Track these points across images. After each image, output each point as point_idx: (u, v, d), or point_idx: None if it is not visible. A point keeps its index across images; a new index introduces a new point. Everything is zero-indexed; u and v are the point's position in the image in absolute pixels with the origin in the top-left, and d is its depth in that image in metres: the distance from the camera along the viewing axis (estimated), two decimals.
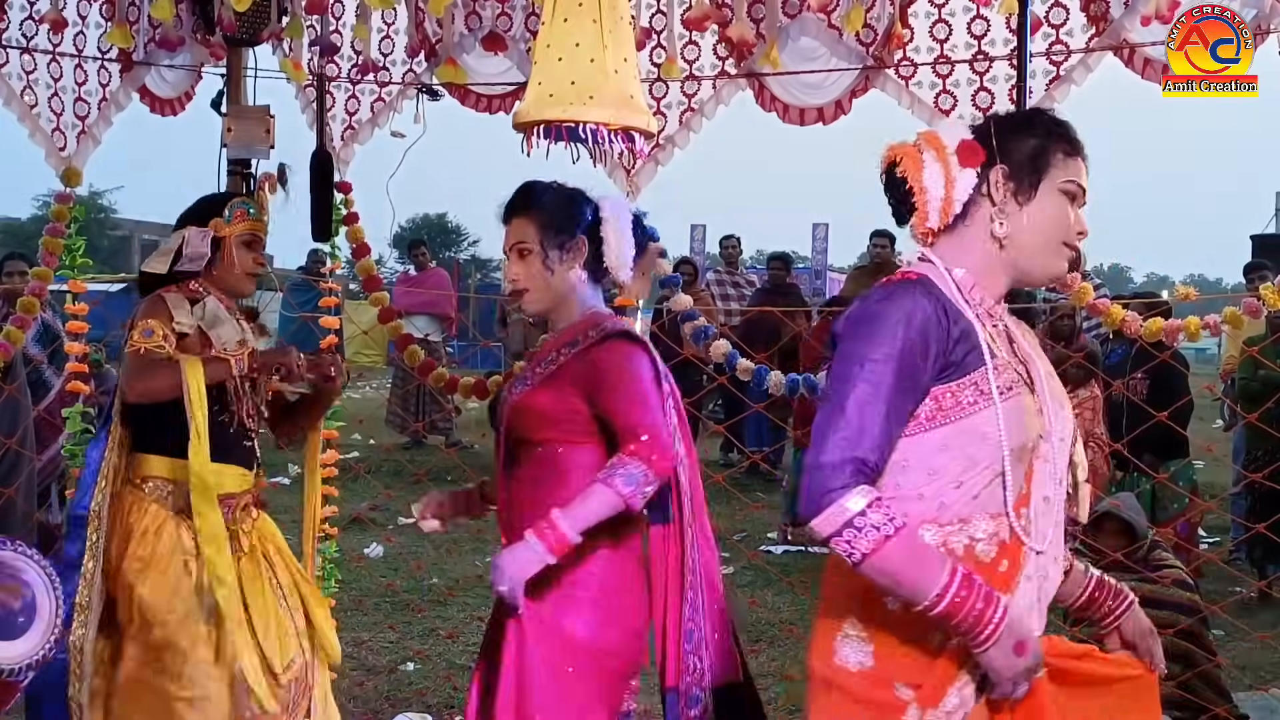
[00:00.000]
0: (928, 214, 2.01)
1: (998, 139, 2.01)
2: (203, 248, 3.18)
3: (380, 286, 4.53)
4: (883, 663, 1.95)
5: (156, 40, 4.16)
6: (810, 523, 1.84)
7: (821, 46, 3.75)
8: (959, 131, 2.04)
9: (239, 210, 3.24)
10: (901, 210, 2.07)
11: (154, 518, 3.11)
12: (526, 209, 2.70)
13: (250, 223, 3.26)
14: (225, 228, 3.21)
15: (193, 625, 3.06)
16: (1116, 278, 55.03)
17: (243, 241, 3.24)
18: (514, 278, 2.68)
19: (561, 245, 2.66)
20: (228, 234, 3.21)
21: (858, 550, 1.82)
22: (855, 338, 1.91)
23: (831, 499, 1.82)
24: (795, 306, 9.67)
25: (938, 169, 2.00)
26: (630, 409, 2.50)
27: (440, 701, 4.74)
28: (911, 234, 2.08)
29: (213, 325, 3.14)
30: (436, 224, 49.24)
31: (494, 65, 4.10)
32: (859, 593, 1.96)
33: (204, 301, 3.17)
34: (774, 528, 8.04)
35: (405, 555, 7.24)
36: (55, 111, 4.30)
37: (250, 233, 3.25)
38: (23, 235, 31.08)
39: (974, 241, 2.03)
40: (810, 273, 16.80)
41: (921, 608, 1.83)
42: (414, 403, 10.82)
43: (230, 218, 3.22)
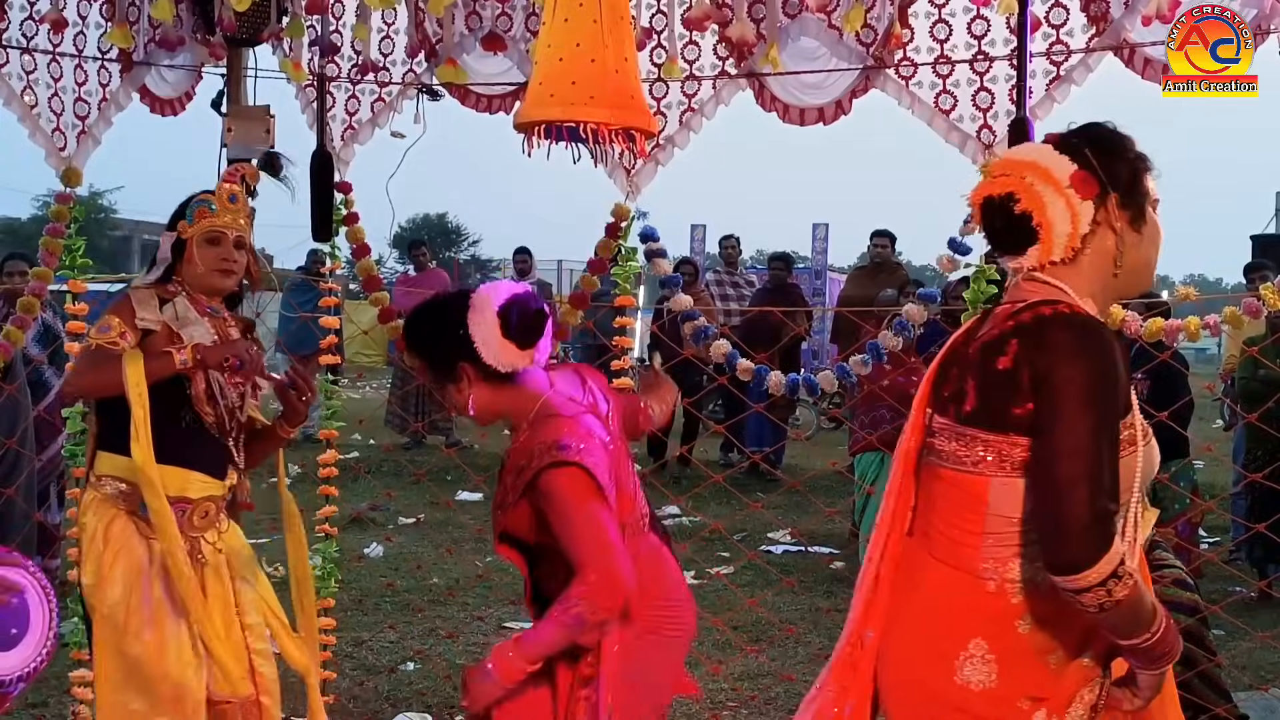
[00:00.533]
0: (1053, 248, 2.04)
1: (1102, 167, 2.05)
2: (165, 252, 3.17)
3: (380, 286, 4.53)
4: (1006, 681, 2.02)
5: (156, 40, 4.16)
6: (1081, 572, 1.86)
7: (821, 46, 3.75)
8: (1058, 160, 2.05)
9: (199, 209, 3.18)
10: (1007, 240, 2.10)
11: (103, 516, 3.07)
12: (412, 354, 2.69)
13: (211, 219, 3.17)
14: (188, 228, 3.16)
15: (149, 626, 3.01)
16: None
17: (206, 240, 3.16)
18: (450, 408, 2.77)
19: (454, 379, 2.61)
20: (190, 234, 3.16)
21: (1116, 595, 1.87)
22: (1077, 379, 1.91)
23: (1104, 550, 1.87)
24: (796, 307, 9.66)
25: (1061, 203, 2.03)
26: (576, 546, 2.48)
27: (440, 701, 4.74)
28: (1007, 261, 2.12)
29: (183, 325, 3.09)
30: (436, 224, 49.25)
31: (494, 65, 4.11)
32: (991, 617, 2.02)
33: (174, 301, 3.13)
34: (774, 527, 8.04)
35: (405, 555, 7.24)
36: (55, 111, 4.30)
37: (212, 230, 3.17)
38: (23, 235, 31.08)
39: (1091, 270, 2.07)
40: (810, 273, 16.80)
41: (1140, 640, 1.93)
42: (414, 403, 10.82)
43: (191, 217, 3.17)
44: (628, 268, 4.09)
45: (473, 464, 9.28)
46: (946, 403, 2.10)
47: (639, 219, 4.01)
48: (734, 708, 4.73)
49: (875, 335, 3.94)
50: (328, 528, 4.50)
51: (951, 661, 2.04)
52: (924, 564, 2.12)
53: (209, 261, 3.16)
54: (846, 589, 6.64)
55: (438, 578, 6.73)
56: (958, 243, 3.71)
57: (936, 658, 2.06)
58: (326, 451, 4.49)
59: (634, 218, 4.01)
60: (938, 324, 5.81)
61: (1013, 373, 1.96)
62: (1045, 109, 3.53)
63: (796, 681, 4.97)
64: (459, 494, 8.96)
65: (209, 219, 3.17)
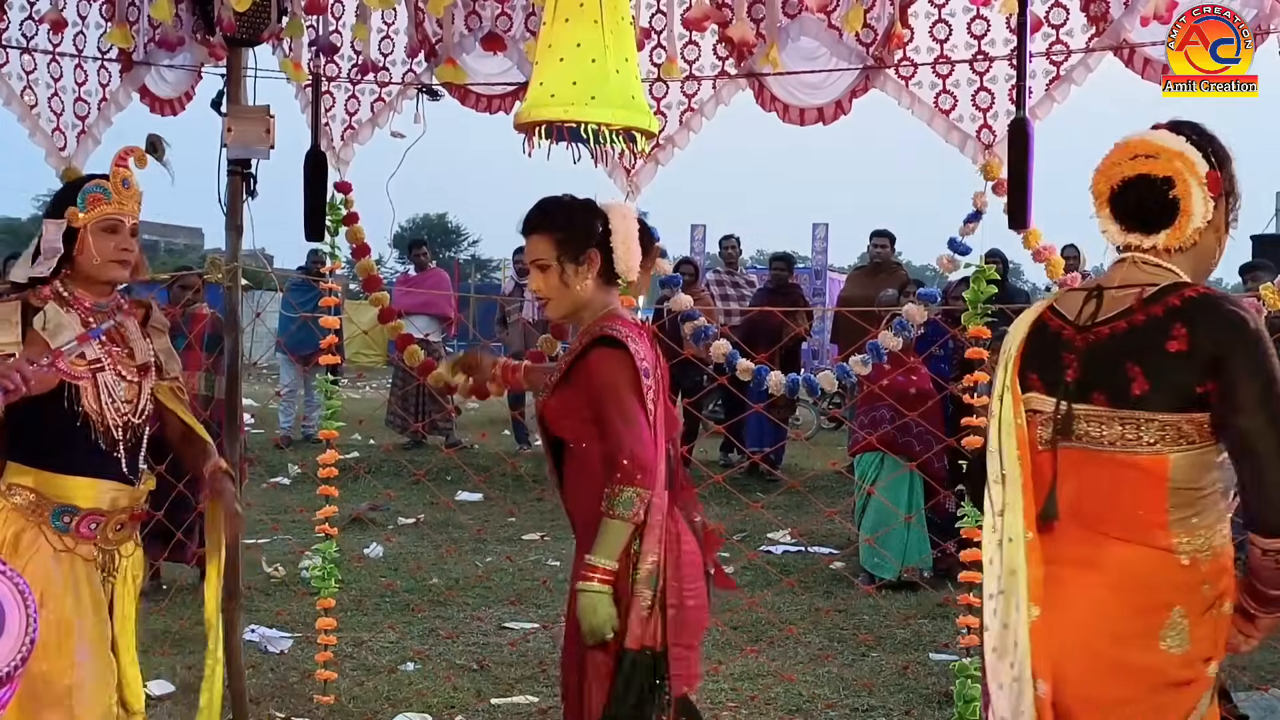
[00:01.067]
0: (1183, 236, 2.20)
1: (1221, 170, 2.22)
2: (55, 242, 2.93)
3: (380, 286, 4.53)
4: (1195, 643, 2.16)
5: (156, 40, 4.16)
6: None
7: (821, 46, 3.75)
8: (1197, 155, 2.20)
9: (93, 195, 2.95)
10: (1145, 218, 2.22)
11: (11, 526, 2.87)
12: (543, 227, 2.89)
13: (106, 206, 2.95)
14: (80, 216, 2.93)
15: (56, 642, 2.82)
16: None
17: (102, 228, 2.94)
18: (536, 289, 2.93)
19: (576, 259, 2.86)
20: (83, 222, 2.93)
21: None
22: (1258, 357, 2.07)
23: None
24: (797, 307, 9.66)
25: (1200, 195, 2.18)
26: (611, 427, 2.74)
27: (440, 701, 4.74)
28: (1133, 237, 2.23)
29: (55, 334, 2.87)
30: (436, 224, 49.25)
31: (494, 65, 4.11)
32: (1185, 585, 2.16)
33: (44, 310, 2.89)
34: (774, 527, 8.04)
35: (405, 555, 7.24)
36: (55, 111, 4.30)
37: (108, 218, 2.95)
38: (23, 235, 31.06)
39: (1194, 261, 2.24)
40: (810, 273, 16.79)
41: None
42: (414, 403, 10.81)
43: (84, 204, 2.94)
44: None
45: (473, 464, 9.28)
46: (1087, 388, 2.18)
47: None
48: (734, 708, 4.73)
49: (876, 335, 3.94)
50: (328, 528, 4.50)
51: (1155, 633, 2.15)
52: (1097, 545, 2.18)
53: (106, 252, 2.94)
54: (846, 589, 6.66)
55: (437, 578, 6.73)
56: (958, 243, 3.71)
57: (1139, 633, 2.16)
58: (326, 451, 4.49)
59: None
60: (938, 324, 5.81)
61: (1188, 355, 2.09)
62: (1045, 109, 3.53)
63: (796, 681, 4.97)
64: (459, 494, 8.96)
65: (105, 205, 2.95)
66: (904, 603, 6.33)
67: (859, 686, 4.95)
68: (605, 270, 2.90)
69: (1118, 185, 2.22)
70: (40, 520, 2.88)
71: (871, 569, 6.76)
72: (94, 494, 2.91)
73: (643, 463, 2.70)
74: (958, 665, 3.88)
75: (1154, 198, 2.19)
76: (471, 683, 4.97)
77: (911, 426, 6.36)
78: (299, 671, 5.00)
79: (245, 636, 4.50)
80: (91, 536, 2.91)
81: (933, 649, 5.48)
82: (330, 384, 4.50)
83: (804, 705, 4.80)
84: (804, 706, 4.79)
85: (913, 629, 5.75)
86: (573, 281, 2.87)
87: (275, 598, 6.16)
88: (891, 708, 4.78)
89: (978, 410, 3.82)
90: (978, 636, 3.78)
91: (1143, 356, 2.13)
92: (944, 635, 5.56)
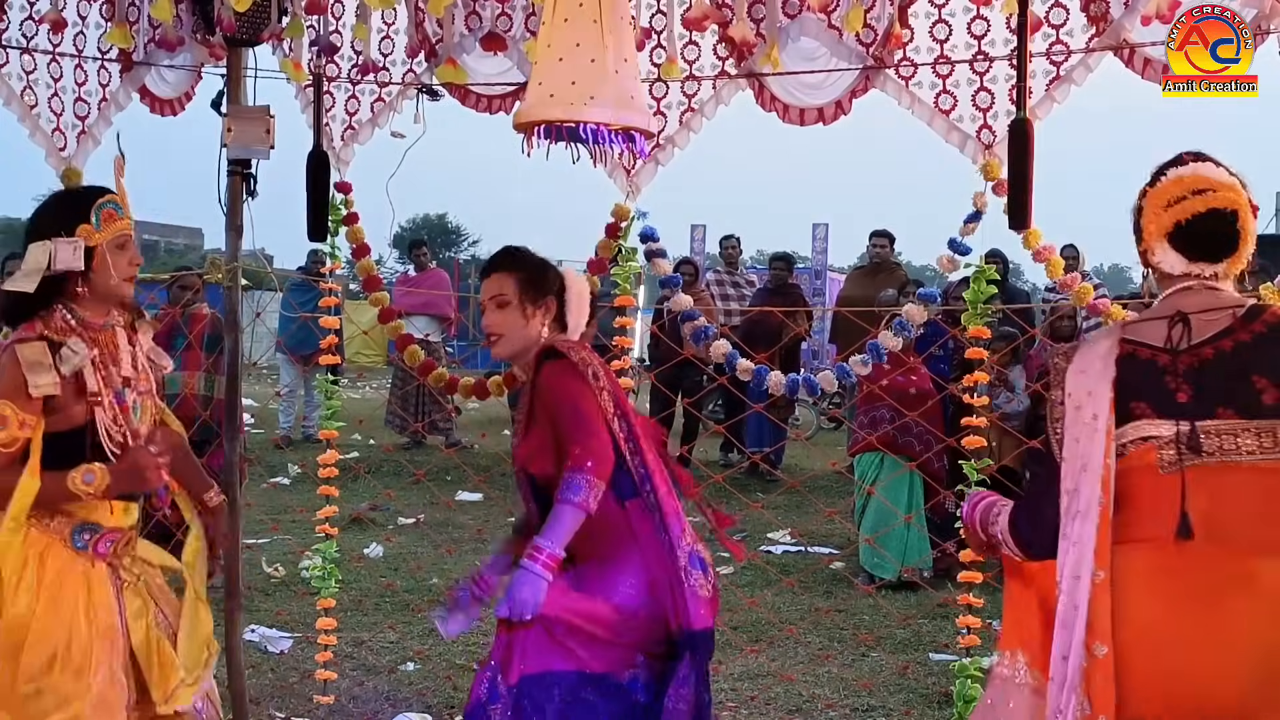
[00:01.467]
0: (1243, 261, 2.33)
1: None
2: (75, 262, 2.82)
3: (380, 286, 4.53)
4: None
5: (156, 40, 4.16)
6: None
7: (821, 46, 3.75)
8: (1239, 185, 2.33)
9: (107, 211, 2.87)
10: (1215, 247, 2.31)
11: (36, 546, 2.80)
12: (508, 266, 3.05)
13: (120, 222, 2.89)
14: (96, 234, 2.84)
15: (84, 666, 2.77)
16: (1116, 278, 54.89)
17: (116, 245, 2.87)
18: (489, 325, 3.04)
19: (535, 300, 3.02)
20: (99, 240, 2.84)
21: None
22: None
23: None
24: (796, 307, 9.66)
25: (1253, 225, 2.33)
26: (565, 426, 2.85)
27: (440, 701, 4.74)
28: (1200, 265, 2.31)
29: (79, 368, 2.80)
30: (436, 224, 49.25)
31: (494, 65, 4.10)
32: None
33: (65, 346, 2.79)
34: (774, 527, 8.04)
35: (405, 555, 7.24)
36: (55, 111, 4.30)
37: (122, 234, 2.89)
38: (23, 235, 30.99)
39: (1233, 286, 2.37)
40: (810, 273, 16.80)
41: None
42: (414, 403, 10.81)
43: (100, 222, 2.85)
44: (628, 268, 4.09)
45: (473, 464, 9.28)
46: (1208, 405, 2.20)
47: (639, 219, 4.01)
48: (734, 708, 4.73)
49: (876, 335, 3.94)
50: (328, 528, 4.50)
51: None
52: (1244, 563, 2.15)
53: (121, 269, 2.88)
54: (846, 589, 6.66)
55: (438, 578, 6.73)
56: (958, 243, 3.71)
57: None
58: (326, 451, 4.49)
59: (634, 218, 4.01)
60: (938, 324, 5.81)
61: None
62: (1045, 109, 3.53)
63: (796, 681, 4.97)
64: (459, 494, 8.96)
65: (119, 221, 2.88)
66: (904, 603, 6.33)
67: (859, 686, 4.95)
68: (558, 319, 3.07)
69: (1185, 220, 2.29)
70: (62, 538, 2.83)
71: (871, 569, 6.77)
72: (115, 511, 2.88)
73: (595, 452, 2.79)
74: (958, 665, 3.88)
75: (1223, 230, 2.29)
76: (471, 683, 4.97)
77: (911, 426, 6.37)
78: (299, 671, 5.00)
79: (245, 636, 4.49)
80: (106, 555, 2.87)
81: (933, 649, 5.48)
82: (330, 384, 4.50)
83: (804, 705, 4.80)
84: (804, 706, 4.79)
85: (913, 629, 5.75)
86: (530, 320, 3.00)
87: (275, 598, 6.16)
88: (891, 708, 4.78)
89: (978, 411, 3.82)
90: (977, 637, 3.79)
91: (1265, 368, 2.19)
92: (944, 635, 5.56)
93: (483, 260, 19.93)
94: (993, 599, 3.46)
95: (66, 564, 2.82)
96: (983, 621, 3.85)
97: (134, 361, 2.98)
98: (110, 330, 2.93)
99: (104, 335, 2.91)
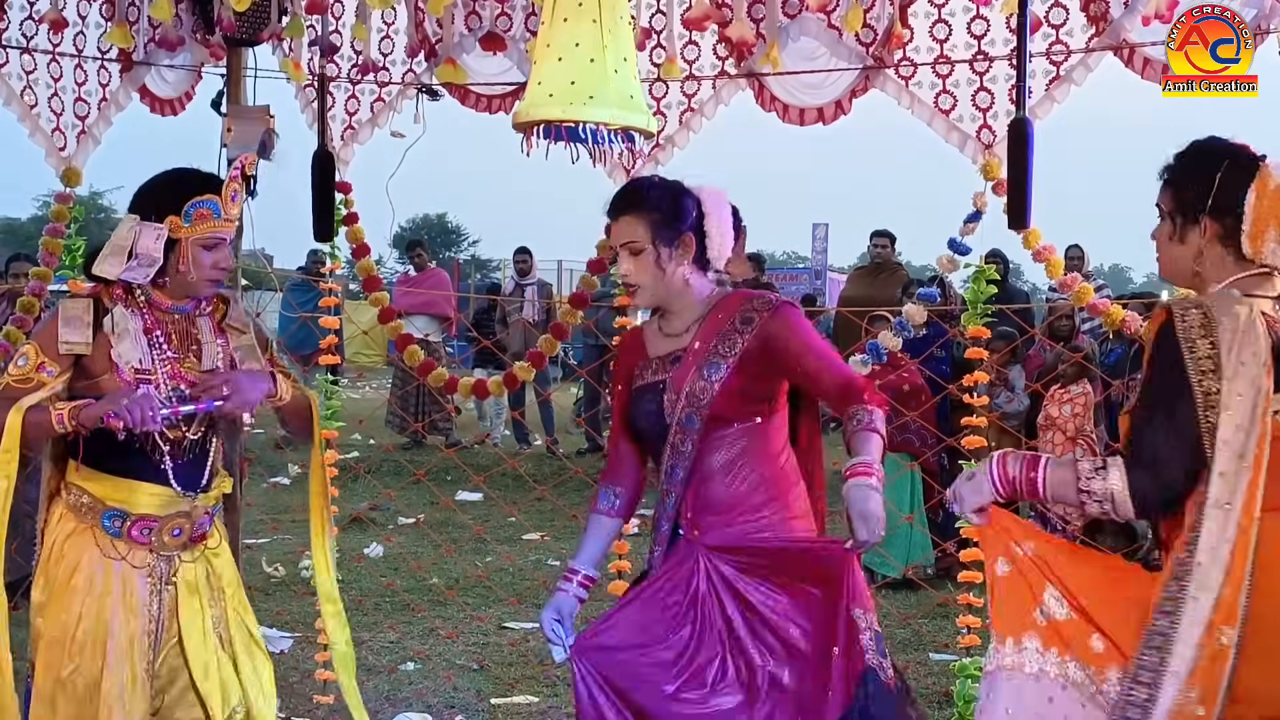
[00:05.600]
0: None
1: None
2: (155, 252, 2.78)
3: (380, 286, 4.53)
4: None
5: (156, 40, 4.16)
6: None
7: (821, 46, 3.75)
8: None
9: (201, 211, 2.81)
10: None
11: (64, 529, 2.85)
12: (637, 208, 2.76)
13: (214, 225, 2.83)
14: (183, 229, 2.80)
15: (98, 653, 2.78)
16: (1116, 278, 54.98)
17: (204, 245, 2.83)
18: (625, 274, 2.78)
19: (671, 242, 2.74)
20: (185, 235, 2.80)
21: None
22: None
23: None
24: None
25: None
26: (829, 364, 2.73)
27: (440, 701, 4.74)
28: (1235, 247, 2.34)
29: (120, 338, 2.79)
30: (436, 224, 49.22)
31: (494, 65, 4.10)
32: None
33: (112, 312, 2.80)
34: None
35: (405, 555, 7.23)
36: (55, 111, 4.30)
37: (213, 235, 2.84)
38: (23, 235, 31.09)
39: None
40: (810, 273, 16.82)
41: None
42: (414, 403, 10.81)
43: (190, 219, 2.80)
44: None
45: (473, 464, 9.27)
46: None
47: None
48: None
49: (876, 335, 3.94)
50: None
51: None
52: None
53: (204, 270, 2.84)
54: None
55: (438, 578, 6.73)
56: (958, 243, 3.71)
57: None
58: (326, 451, 4.48)
59: None
60: (938, 324, 5.81)
61: None
62: (1045, 109, 3.53)
63: None
64: (459, 494, 8.96)
65: (211, 223, 2.83)
66: (904, 603, 6.33)
67: None
68: (698, 256, 2.78)
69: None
70: (93, 522, 2.83)
71: (874, 566, 6.77)
72: (144, 499, 2.83)
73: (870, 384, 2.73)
74: (958, 665, 3.88)
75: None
76: (471, 683, 4.97)
77: (909, 423, 6.37)
78: (299, 671, 5.00)
79: None
80: (146, 542, 2.84)
81: (933, 649, 5.48)
82: (330, 384, 4.50)
83: None
84: None
85: (913, 629, 5.75)
86: (667, 266, 2.74)
87: (275, 598, 6.16)
88: None
89: (977, 410, 3.82)
90: (977, 637, 3.79)
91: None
92: (944, 635, 5.55)
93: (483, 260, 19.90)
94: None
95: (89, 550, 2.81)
96: (983, 621, 3.84)
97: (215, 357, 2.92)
98: (184, 316, 2.90)
99: (175, 319, 2.89)
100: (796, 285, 16.85)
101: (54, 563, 2.84)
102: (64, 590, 2.81)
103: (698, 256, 2.77)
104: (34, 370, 2.74)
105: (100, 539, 2.83)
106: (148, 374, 2.81)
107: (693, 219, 2.76)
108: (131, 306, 2.84)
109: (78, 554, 2.82)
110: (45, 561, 2.86)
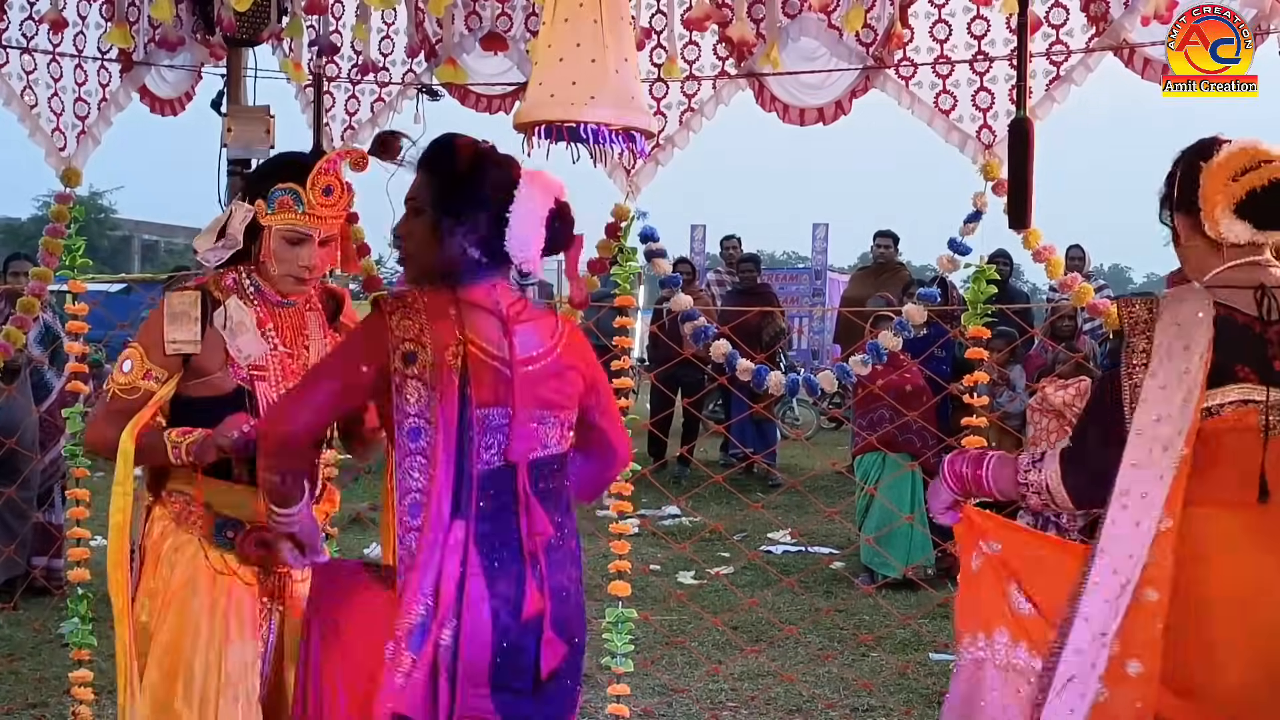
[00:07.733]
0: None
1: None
2: (237, 235, 2.66)
3: (380, 286, 4.52)
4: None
5: (156, 40, 4.16)
6: None
7: (821, 46, 3.75)
8: None
9: (282, 199, 2.66)
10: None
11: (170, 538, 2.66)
12: (433, 165, 2.40)
13: (294, 216, 2.67)
14: (266, 216, 2.66)
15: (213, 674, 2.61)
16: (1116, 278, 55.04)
17: (285, 238, 2.68)
18: (400, 232, 2.42)
19: (458, 215, 2.33)
20: (267, 223, 2.67)
21: None
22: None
23: None
24: (768, 307, 9.68)
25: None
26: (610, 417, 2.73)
27: None
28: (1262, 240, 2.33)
29: (234, 335, 2.64)
30: None
31: (494, 65, 4.11)
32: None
33: (225, 305, 2.65)
34: (774, 527, 8.04)
35: None
36: (55, 111, 4.30)
37: (294, 230, 2.67)
38: (23, 235, 31.07)
39: None
40: (810, 273, 16.80)
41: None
42: None
43: (272, 206, 2.66)
44: (628, 268, 4.08)
45: None
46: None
47: (639, 219, 4.01)
48: (734, 708, 4.73)
49: (876, 335, 3.94)
50: (328, 528, 4.49)
51: None
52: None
53: (284, 264, 2.69)
54: (846, 589, 6.66)
55: None
56: (958, 243, 3.71)
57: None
58: (326, 451, 4.48)
59: (634, 218, 4.00)
60: (938, 324, 5.81)
61: None
62: (1045, 109, 3.53)
63: (796, 681, 4.97)
64: None
65: (292, 215, 2.67)
66: (904, 603, 6.33)
67: (859, 686, 4.95)
68: (491, 247, 2.35)
69: (1259, 188, 2.27)
70: (203, 534, 2.64)
71: (875, 566, 6.77)
72: (258, 507, 2.56)
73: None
74: None
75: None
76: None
77: (911, 423, 6.38)
78: None
79: None
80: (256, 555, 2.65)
81: (933, 649, 5.48)
82: None
83: (804, 705, 4.80)
84: (804, 706, 4.79)
85: (913, 629, 5.75)
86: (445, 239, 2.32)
87: None
88: (891, 708, 4.78)
89: (977, 410, 3.83)
90: None
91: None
92: (944, 635, 5.55)
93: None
94: None
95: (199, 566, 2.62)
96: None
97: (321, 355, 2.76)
98: (293, 310, 2.77)
99: (284, 313, 2.75)
100: (797, 285, 16.85)
101: (160, 577, 2.65)
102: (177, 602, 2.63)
103: (490, 248, 2.36)
104: (140, 378, 2.59)
105: (211, 554, 2.66)
106: (261, 371, 2.68)
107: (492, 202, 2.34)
108: (244, 298, 2.69)
109: (187, 568, 2.64)
110: (149, 576, 2.66)
